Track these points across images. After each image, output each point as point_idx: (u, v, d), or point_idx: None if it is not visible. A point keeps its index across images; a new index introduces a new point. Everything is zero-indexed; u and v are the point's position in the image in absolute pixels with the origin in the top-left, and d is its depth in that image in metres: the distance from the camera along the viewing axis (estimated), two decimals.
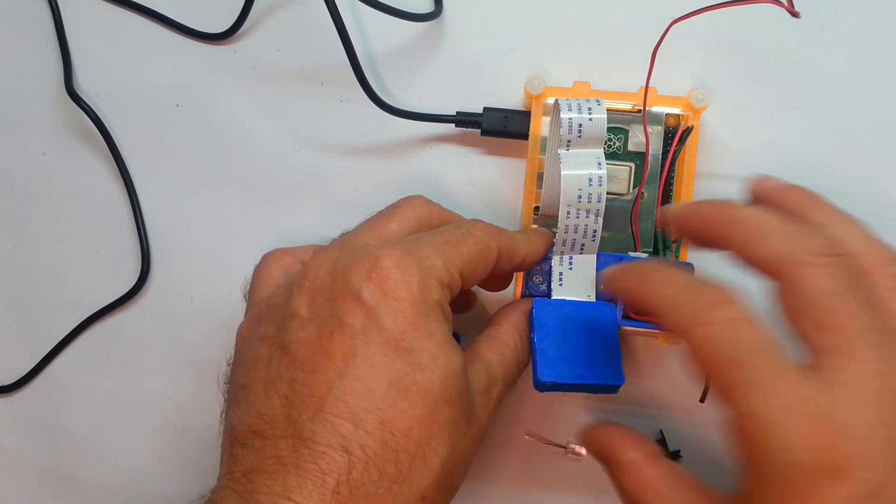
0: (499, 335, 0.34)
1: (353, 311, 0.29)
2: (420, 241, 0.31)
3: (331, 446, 0.27)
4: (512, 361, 0.34)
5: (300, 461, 0.27)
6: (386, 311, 0.29)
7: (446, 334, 0.30)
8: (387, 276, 0.29)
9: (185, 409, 0.43)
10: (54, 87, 0.43)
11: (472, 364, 0.32)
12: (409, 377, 0.28)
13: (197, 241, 0.43)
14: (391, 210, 0.34)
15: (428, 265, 0.30)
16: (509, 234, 0.34)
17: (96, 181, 0.43)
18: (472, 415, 0.31)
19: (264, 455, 0.28)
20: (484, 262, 0.32)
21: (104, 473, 0.44)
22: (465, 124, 0.40)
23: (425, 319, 0.29)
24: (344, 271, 0.30)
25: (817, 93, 0.40)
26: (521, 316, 0.35)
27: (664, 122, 0.38)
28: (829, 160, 0.39)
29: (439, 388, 0.29)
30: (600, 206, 0.34)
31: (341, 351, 0.28)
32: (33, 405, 0.44)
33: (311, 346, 0.29)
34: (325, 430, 0.28)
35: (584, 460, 0.40)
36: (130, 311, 0.43)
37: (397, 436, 0.28)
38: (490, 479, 0.41)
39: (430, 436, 0.28)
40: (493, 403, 0.32)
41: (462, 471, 0.31)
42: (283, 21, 0.42)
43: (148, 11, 0.43)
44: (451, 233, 0.32)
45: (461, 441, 0.30)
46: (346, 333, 0.29)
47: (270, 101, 0.42)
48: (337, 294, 0.29)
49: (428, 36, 0.41)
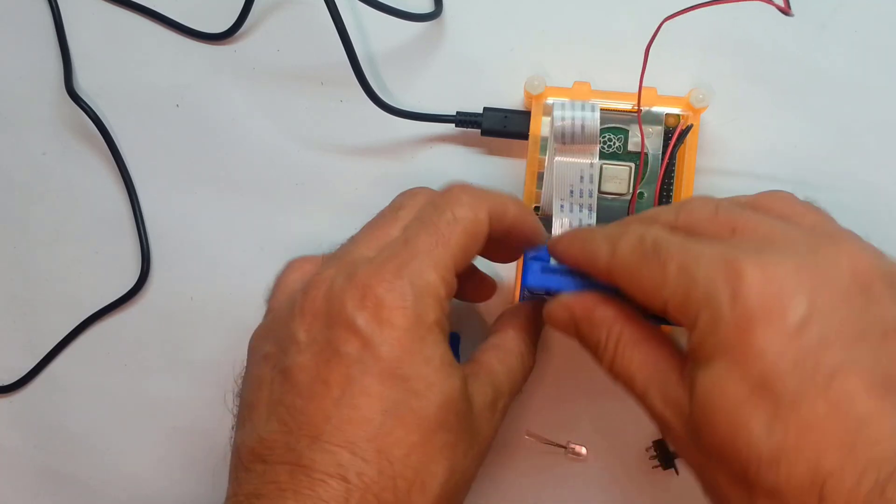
0: (504, 343, 0.34)
1: (349, 340, 0.29)
2: (411, 251, 0.30)
3: (328, 474, 0.27)
4: (518, 372, 0.33)
5: (298, 487, 0.28)
6: (381, 339, 0.28)
7: (444, 356, 0.30)
8: (380, 303, 0.29)
9: (184, 408, 0.43)
10: (54, 87, 0.43)
11: (478, 377, 0.32)
12: (405, 405, 0.28)
13: (197, 241, 0.43)
14: (394, 213, 0.33)
15: (422, 284, 0.29)
16: (492, 194, 0.32)
17: (96, 181, 0.43)
18: (474, 434, 0.30)
19: (265, 480, 0.28)
20: (477, 240, 0.31)
21: (104, 473, 0.44)
22: (465, 124, 0.40)
23: (421, 344, 0.29)
24: (339, 296, 0.29)
25: (817, 93, 0.40)
26: (525, 321, 0.35)
27: (664, 121, 0.38)
28: (829, 160, 0.40)
29: (435, 415, 0.29)
30: (592, 201, 0.34)
31: (337, 380, 0.28)
32: (33, 405, 0.44)
33: (308, 372, 0.29)
34: (323, 458, 0.28)
35: (585, 460, 0.40)
36: (130, 311, 0.43)
37: (395, 463, 0.28)
38: (490, 479, 0.41)
39: (428, 461, 0.28)
40: (498, 416, 0.32)
41: (464, 488, 0.31)
42: (283, 21, 0.42)
43: (148, 11, 0.43)
44: (437, 226, 0.31)
45: (461, 462, 0.30)
46: (342, 362, 0.29)
47: (270, 101, 0.42)
48: (333, 321, 0.29)
49: (428, 36, 0.41)
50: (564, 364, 0.41)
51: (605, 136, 0.38)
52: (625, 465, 0.40)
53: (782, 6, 0.31)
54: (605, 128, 0.38)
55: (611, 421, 0.40)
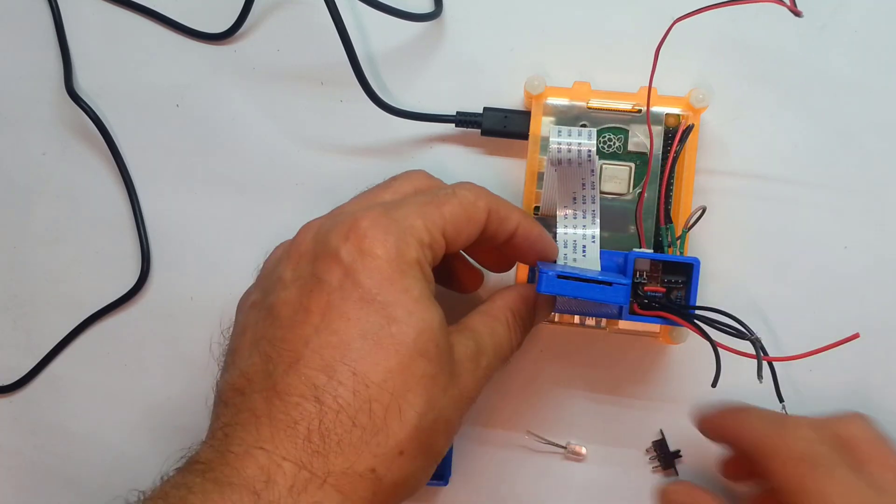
0: (491, 310, 0.34)
1: (332, 269, 0.29)
2: (401, 203, 0.31)
3: (303, 396, 0.28)
4: (503, 336, 0.33)
5: (273, 412, 0.28)
6: (362, 267, 0.29)
7: (424, 291, 0.30)
8: (363, 235, 0.29)
9: (184, 408, 0.43)
10: (54, 87, 0.43)
11: (461, 332, 0.32)
12: (384, 330, 0.29)
13: (197, 241, 0.43)
14: (388, 182, 0.34)
15: (406, 224, 0.30)
16: (499, 197, 0.33)
17: (96, 181, 0.43)
18: (455, 375, 0.30)
19: (241, 409, 0.29)
20: (470, 221, 0.32)
21: (104, 473, 0.44)
22: (464, 124, 0.40)
23: (401, 276, 0.29)
24: (325, 235, 0.30)
25: (817, 93, 0.40)
26: (517, 296, 0.35)
27: (664, 121, 0.38)
28: (829, 160, 0.40)
29: (414, 341, 0.29)
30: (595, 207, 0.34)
31: (318, 306, 0.29)
32: (33, 405, 0.44)
33: (291, 304, 0.30)
34: (299, 382, 0.28)
35: (585, 460, 0.40)
36: (130, 311, 0.43)
37: (371, 387, 0.28)
38: (490, 479, 0.41)
39: (405, 388, 0.29)
40: (481, 373, 0.32)
41: (443, 432, 0.30)
42: (283, 21, 0.42)
43: (148, 11, 0.43)
44: (435, 194, 0.32)
45: (440, 398, 0.30)
46: (323, 290, 0.29)
47: (270, 101, 0.42)
48: (318, 256, 0.30)
49: (428, 36, 0.41)
50: (564, 364, 0.41)
51: (606, 135, 0.38)
52: (625, 465, 0.40)
53: (791, 6, 0.31)
54: (605, 128, 0.38)
55: (611, 421, 0.40)
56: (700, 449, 0.40)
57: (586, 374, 0.41)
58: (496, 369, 0.33)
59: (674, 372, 0.40)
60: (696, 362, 0.40)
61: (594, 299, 0.32)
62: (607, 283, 0.32)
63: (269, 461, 0.27)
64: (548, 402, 0.41)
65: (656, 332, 0.37)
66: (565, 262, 0.35)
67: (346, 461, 0.28)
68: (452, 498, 0.41)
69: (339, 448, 0.28)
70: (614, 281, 0.32)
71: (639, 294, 0.33)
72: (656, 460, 0.40)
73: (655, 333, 0.37)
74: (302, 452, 0.27)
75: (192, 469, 0.28)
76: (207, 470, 0.28)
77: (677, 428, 0.40)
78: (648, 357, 0.40)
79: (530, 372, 0.41)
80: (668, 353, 0.40)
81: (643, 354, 0.40)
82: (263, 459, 0.27)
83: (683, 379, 0.40)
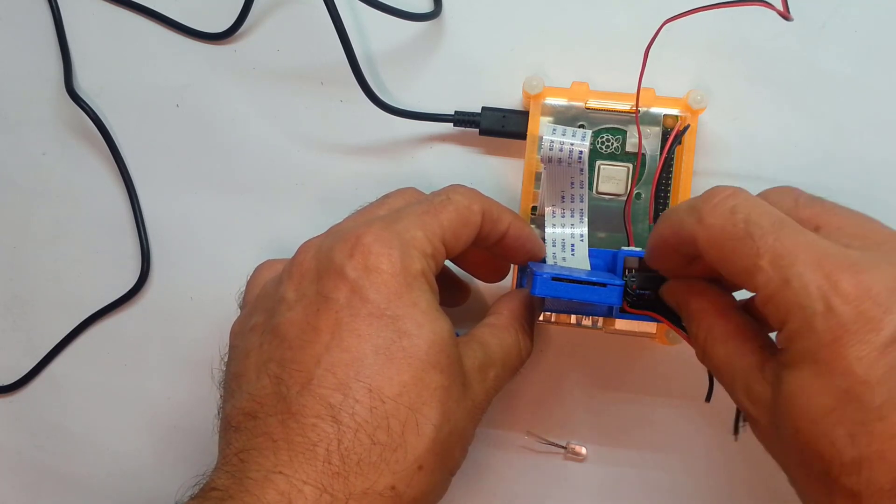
0: (499, 322, 0.34)
1: (338, 286, 0.29)
2: (400, 215, 0.31)
3: (320, 417, 0.28)
4: (512, 347, 0.33)
5: (290, 435, 0.28)
6: (369, 283, 0.29)
7: (431, 302, 0.30)
8: (368, 250, 0.29)
9: (184, 408, 0.43)
10: (54, 87, 0.43)
11: (468, 343, 0.32)
12: (396, 344, 0.29)
13: (197, 241, 0.43)
14: (381, 200, 0.35)
15: (408, 237, 0.30)
16: (489, 198, 0.34)
17: (96, 181, 0.43)
18: (466, 385, 0.30)
19: (255, 434, 0.28)
20: (467, 226, 0.32)
21: (104, 473, 0.44)
22: (463, 124, 0.40)
23: (408, 289, 0.29)
24: (328, 252, 0.30)
25: (817, 93, 0.39)
26: (521, 305, 0.35)
27: (662, 123, 0.38)
28: (829, 160, 0.39)
29: (426, 354, 0.29)
30: (584, 206, 0.34)
31: (327, 325, 0.29)
32: (33, 405, 0.44)
33: (298, 325, 0.29)
34: (314, 402, 0.28)
35: (585, 460, 0.40)
36: (130, 311, 0.44)
37: (387, 402, 0.28)
38: (490, 479, 0.41)
39: (421, 402, 0.28)
40: (490, 383, 0.32)
41: (459, 443, 0.31)
42: (283, 21, 0.42)
43: (148, 11, 0.43)
44: (431, 202, 0.32)
45: (455, 409, 0.30)
46: (331, 308, 0.29)
47: (270, 101, 0.42)
48: (322, 274, 0.30)
49: (427, 36, 0.41)
50: (564, 364, 0.41)
51: (604, 136, 0.38)
52: (625, 465, 0.40)
53: (782, 11, 0.31)
54: (603, 128, 0.38)
55: (611, 421, 0.40)
56: (700, 449, 0.40)
57: (586, 374, 0.41)
58: (506, 380, 0.33)
59: (674, 372, 0.40)
60: (697, 362, 0.40)
61: (589, 301, 0.32)
62: (601, 285, 0.32)
63: (289, 486, 0.27)
64: (548, 402, 0.41)
65: (653, 334, 0.37)
66: (555, 262, 0.35)
67: (366, 481, 0.27)
68: (452, 498, 0.41)
69: (360, 468, 0.27)
70: (608, 282, 0.32)
71: (628, 293, 0.33)
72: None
73: (652, 335, 0.37)
74: (322, 475, 0.27)
75: (208, 496, 0.28)
76: (226, 497, 0.27)
77: (677, 427, 0.40)
78: (648, 357, 0.40)
79: (530, 372, 0.41)
80: (668, 353, 0.40)
81: (643, 355, 0.40)
82: (283, 485, 0.27)
83: (683, 379, 0.40)
